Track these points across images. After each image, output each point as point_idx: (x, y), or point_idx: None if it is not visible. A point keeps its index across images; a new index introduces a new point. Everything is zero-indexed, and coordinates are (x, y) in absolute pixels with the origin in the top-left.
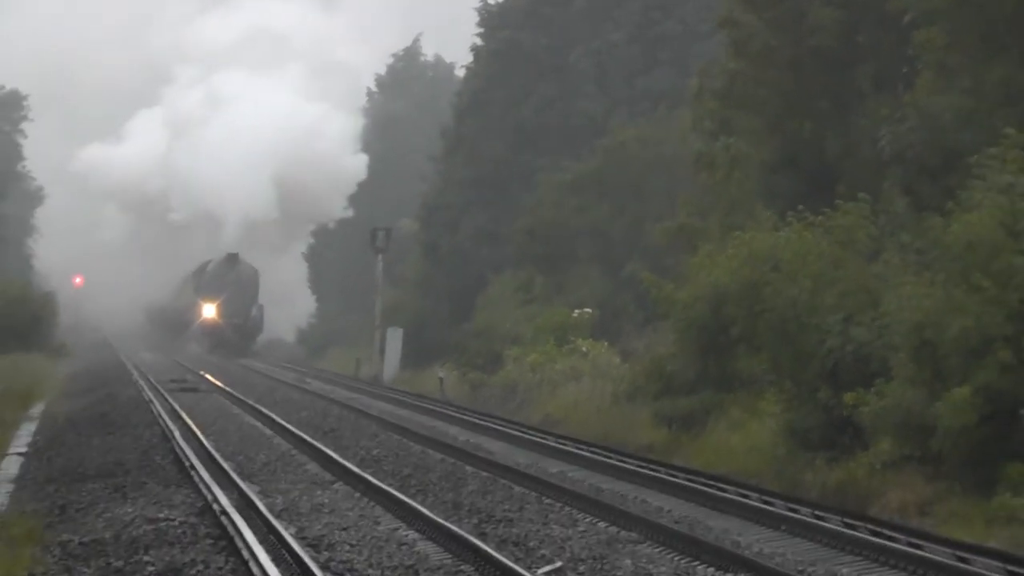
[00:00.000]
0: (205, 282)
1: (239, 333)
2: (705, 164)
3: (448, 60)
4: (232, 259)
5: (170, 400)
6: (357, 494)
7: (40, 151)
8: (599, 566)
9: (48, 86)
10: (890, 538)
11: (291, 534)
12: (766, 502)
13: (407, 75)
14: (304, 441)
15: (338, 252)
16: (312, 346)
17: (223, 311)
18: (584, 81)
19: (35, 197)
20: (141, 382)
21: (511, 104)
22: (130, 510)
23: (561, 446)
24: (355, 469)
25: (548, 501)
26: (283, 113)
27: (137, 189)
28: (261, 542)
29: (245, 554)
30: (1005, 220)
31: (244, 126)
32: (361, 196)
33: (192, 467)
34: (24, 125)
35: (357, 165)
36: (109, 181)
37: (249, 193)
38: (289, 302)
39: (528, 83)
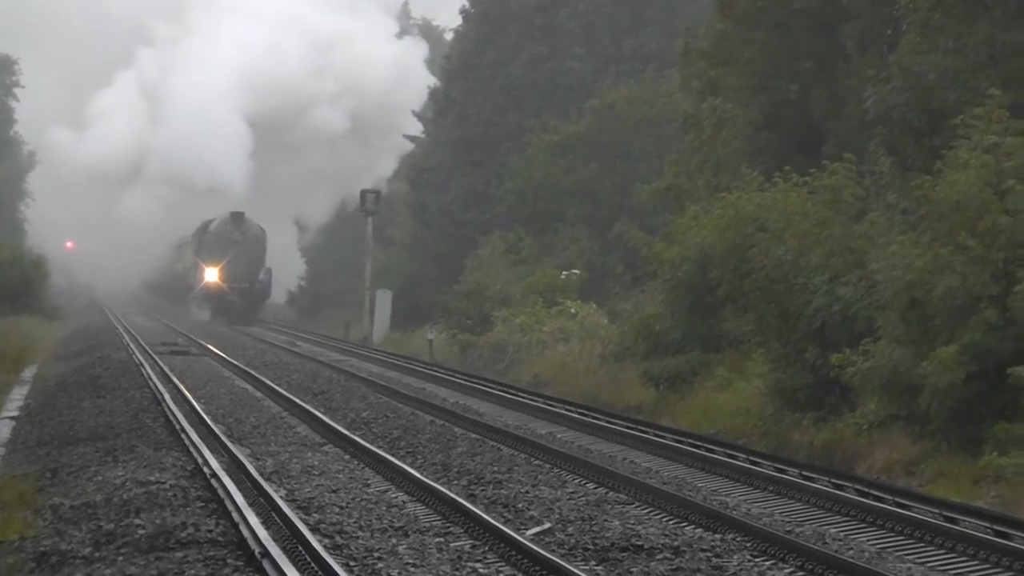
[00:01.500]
0: (208, 243)
1: (245, 298)
2: (692, 124)
3: (436, 24)
4: (237, 218)
5: (161, 363)
6: (347, 456)
7: (32, 112)
8: (588, 527)
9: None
10: (877, 498)
11: (281, 496)
12: (753, 462)
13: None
14: (294, 403)
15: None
16: (302, 308)
17: (227, 275)
18: (572, 42)
19: (27, 162)
20: (132, 345)
21: (499, 65)
22: (121, 473)
23: (550, 407)
24: (345, 431)
25: (537, 462)
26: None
27: (127, 156)
28: (251, 505)
29: (235, 516)
30: (991, 180)
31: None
32: None
33: (182, 430)
34: (16, 90)
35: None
36: (97, 151)
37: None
38: (280, 264)
39: (516, 44)
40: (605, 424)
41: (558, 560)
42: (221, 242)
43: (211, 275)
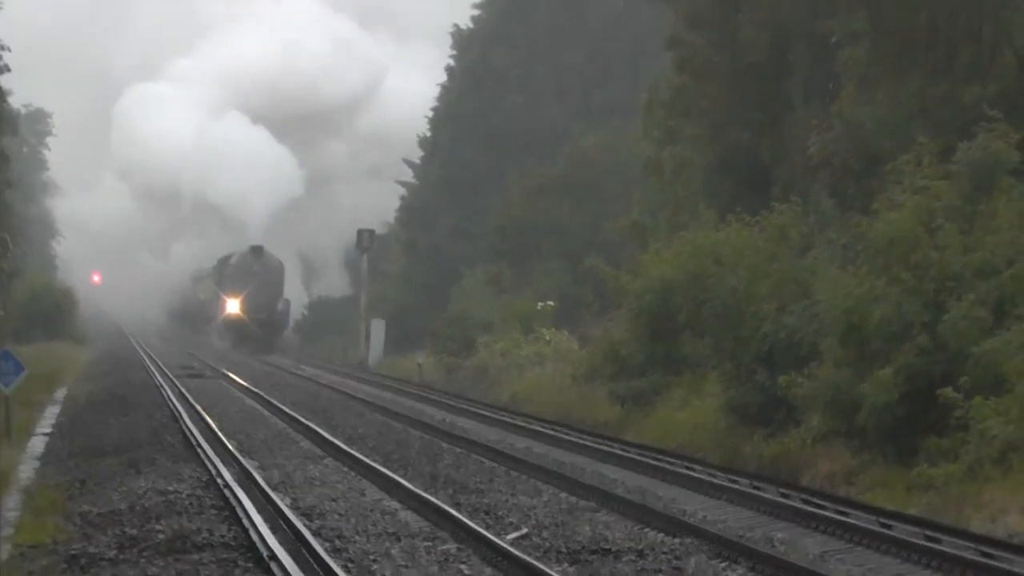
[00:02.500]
0: (228, 275)
1: (264, 328)
2: (654, 168)
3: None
4: (257, 251)
5: (178, 384)
6: (345, 468)
7: (62, 157)
8: (561, 532)
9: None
10: (820, 506)
11: (286, 504)
12: (709, 474)
13: None
14: (298, 421)
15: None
16: (305, 334)
17: (247, 306)
18: (547, 94)
19: (58, 202)
20: (153, 368)
21: (481, 115)
22: (143, 483)
23: (526, 424)
24: (343, 446)
25: (515, 474)
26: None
27: (152, 179)
28: (259, 511)
29: (245, 522)
30: (921, 218)
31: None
32: None
33: (198, 444)
34: (48, 139)
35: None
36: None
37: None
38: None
39: (496, 96)
40: (576, 439)
41: (534, 562)
42: (241, 274)
43: (232, 306)
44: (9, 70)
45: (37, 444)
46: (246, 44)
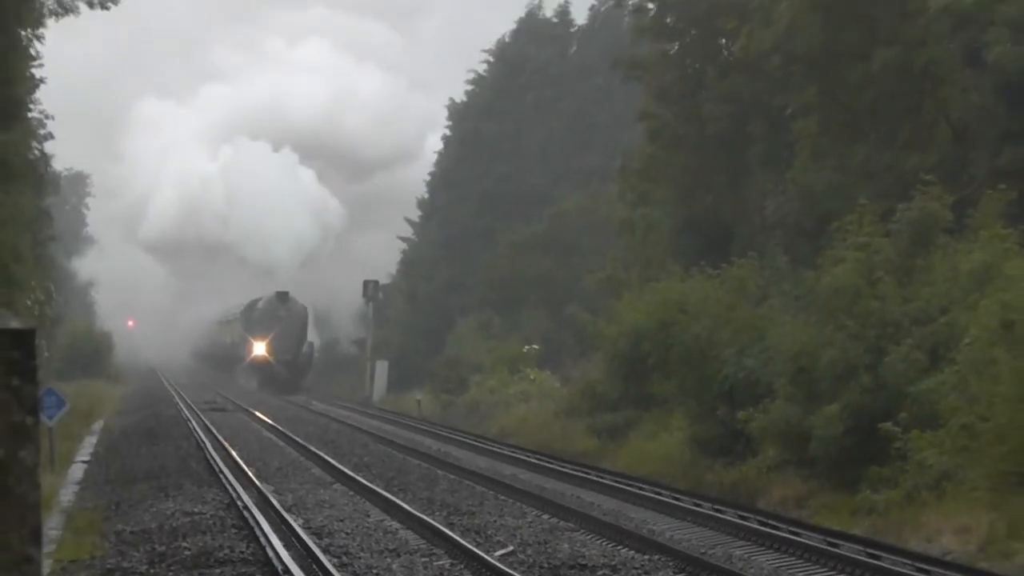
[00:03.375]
0: (255, 319)
1: (289, 370)
2: (627, 228)
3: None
4: (282, 297)
5: (203, 418)
6: (352, 492)
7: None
8: (543, 549)
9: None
10: (774, 527)
11: (299, 525)
12: (675, 498)
13: None
14: (309, 450)
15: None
16: (317, 374)
17: (273, 348)
18: (532, 161)
19: (97, 255)
20: (180, 404)
21: (473, 180)
22: (171, 505)
23: (513, 454)
24: (350, 472)
25: (503, 498)
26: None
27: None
28: (275, 531)
29: (262, 541)
30: (863, 272)
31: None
32: None
33: (220, 471)
34: (88, 199)
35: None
36: (149, 233)
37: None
38: None
39: (487, 163)
40: (557, 467)
41: None
42: (268, 318)
43: (259, 348)
44: (53, 137)
45: (77, 471)
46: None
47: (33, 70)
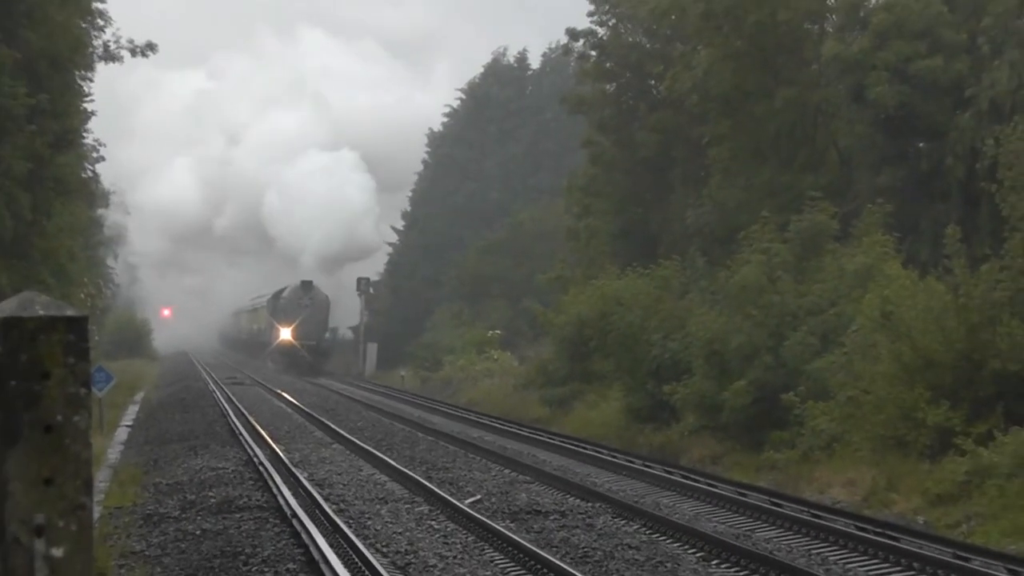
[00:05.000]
0: (281, 307)
1: (313, 354)
2: (573, 235)
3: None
4: (307, 286)
5: (226, 390)
6: (348, 451)
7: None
8: (505, 498)
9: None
10: (694, 480)
11: (304, 477)
12: (613, 456)
13: None
14: (313, 417)
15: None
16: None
17: (298, 334)
18: (494, 180)
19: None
20: (207, 379)
21: (447, 196)
22: (199, 462)
23: (480, 420)
24: (346, 435)
25: (472, 456)
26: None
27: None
28: (285, 483)
29: (274, 490)
30: (765, 272)
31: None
32: None
33: (240, 434)
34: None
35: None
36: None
37: (325, 232)
38: None
39: (458, 182)
40: (516, 431)
41: (486, 519)
42: (293, 306)
43: (285, 334)
44: (104, 159)
45: (121, 434)
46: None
47: (85, 105)
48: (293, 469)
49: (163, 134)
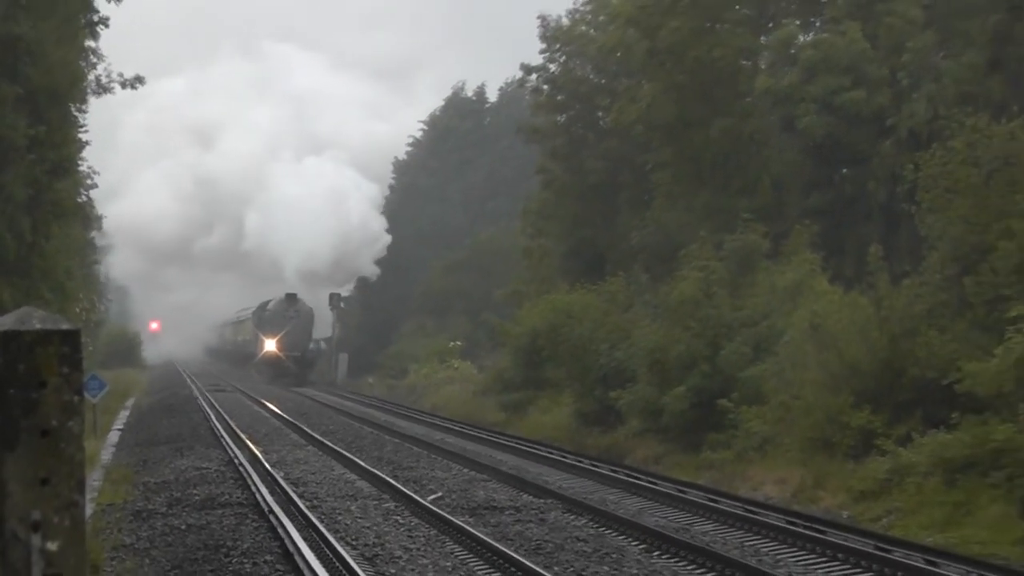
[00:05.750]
0: (266, 319)
1: (298, 365)
2: (527, 254)
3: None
4: (291, 299)
5: (209, 397)
6: (320, 452)
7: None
8: (464, 495)
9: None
10: (638, 478)
11: (280, 476)
12: (563, 456)
13: None
14: (288, 421)
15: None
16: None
17: (283, 345)
18: (456, 205)
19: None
20: (192, 386)
21: (412, 219)
22: (185, 462)
23: (442, 423)
24: (319, 437)
25: (434, 456)
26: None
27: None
28: (263, 481)
29: (253, 488)
30: (703, 287)
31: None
32: None
33: (221, 436)
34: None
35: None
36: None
37: (307, 247)
38: None
39: (423, 207)
40: (475, 433)
41: (446, 514)
42: (278, 318)
43: (270, 345)
44: (97, 186)
45: (114, 436)
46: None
47: (80, 135)
48: (270, 469)
49: (137, 147)
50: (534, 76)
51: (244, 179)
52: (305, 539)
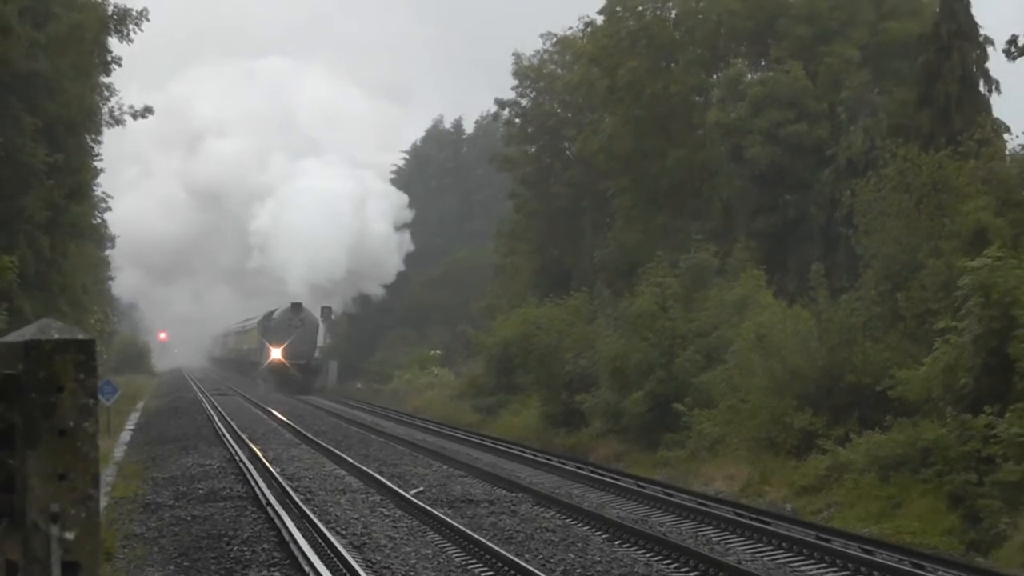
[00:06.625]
0: (272, 328)
1: (303, 373)
2: (500, 271)
3: None
4: (297, 308)
5: (212, 399)
6: (312, 450)
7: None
8: (444, 488)
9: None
10: (600, 474)
11: (277, 472)
12: (533, 454)
13: None
14: (283, 422)
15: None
16: None
17: (288, 353)
18: (435, 226)
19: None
20: (197, 391)
21: None
22: (190, 459)
23: (423, 424)
24: (312, 437)
25: (416, 454)
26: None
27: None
28: (261, 476)
29: (252, 483)
30: (659, 301)
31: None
32: None
33: (223, 436)
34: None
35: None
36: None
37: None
38: None
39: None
40: (453, 433)
41: (428, 507)
42: (283, 327)
43: (276, 354)
44: (111, 209)
45: (125, 436)
46: None
47: (95, 163)
48: (269, 465)
49: (135, 157)
50: (507, 110)
51: (247, 186)
52: (299, 529)
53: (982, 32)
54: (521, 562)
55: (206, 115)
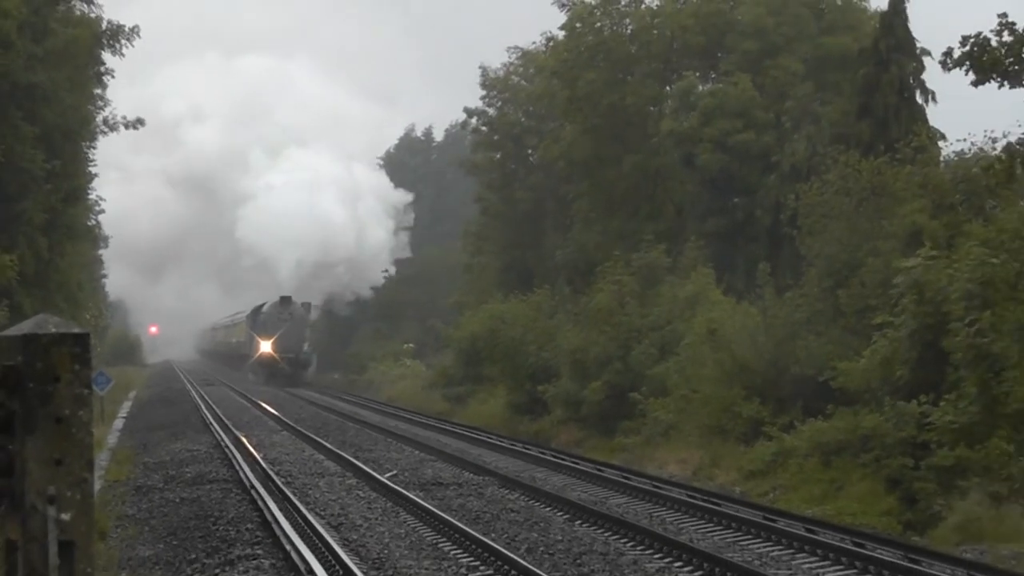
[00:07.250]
0: (261, 321)
1: (293, 366)
2: (468, 270)
3: None
4: (286, 301)
5: (200, 390)
6: (293, 436)
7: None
8: (415, 471)
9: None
10: (562, 459)
11: (260, 456)
12: (499, 440)
13: None
14: (266, 410)
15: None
16: None
17: (278, 346)
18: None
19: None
20: (186, 381)
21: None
22: (179, 446)
23: (396, 412)
24: (292, 424)
25: (389, 440)
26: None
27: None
28: (245, 461)
29: (237, 467)
30: (616, 297)
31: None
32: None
33: (210, 424)
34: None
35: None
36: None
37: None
38: None
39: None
40: (424, 421)
41: (400, 489)
42: (273, 320)
43: (265, 347)
44: (104, 212)
45: (118, 423)
46: None
47: (90, 168)
48: (252, 450)
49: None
50: (474, 119)
51: (235, 178)
52: (281, 510)
53: (919, 45)
54: (488, 540)
55: (180, 105)
